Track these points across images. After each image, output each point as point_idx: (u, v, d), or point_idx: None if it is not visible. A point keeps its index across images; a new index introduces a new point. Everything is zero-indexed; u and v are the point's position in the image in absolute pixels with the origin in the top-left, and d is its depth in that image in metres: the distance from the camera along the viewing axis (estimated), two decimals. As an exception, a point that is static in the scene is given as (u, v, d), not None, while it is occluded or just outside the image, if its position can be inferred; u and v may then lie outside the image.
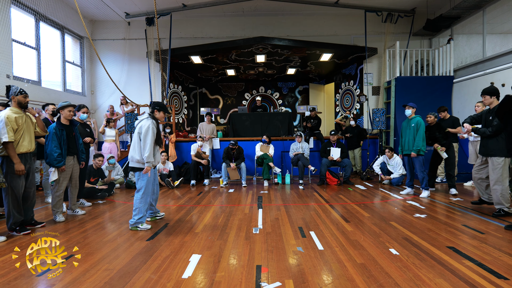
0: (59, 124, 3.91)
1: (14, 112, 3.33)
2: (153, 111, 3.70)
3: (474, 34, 7.57)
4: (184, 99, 10.81)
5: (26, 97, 3.46)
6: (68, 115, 3.95)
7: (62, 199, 3.98)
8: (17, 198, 3.33)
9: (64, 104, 3.94)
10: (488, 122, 3.90)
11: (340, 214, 4.09)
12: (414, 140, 5.13)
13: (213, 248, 2.88)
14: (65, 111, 3.92)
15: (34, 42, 7.19)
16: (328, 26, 9.31)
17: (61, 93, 8.01)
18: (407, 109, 5.29)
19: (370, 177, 7.11)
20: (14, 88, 3.40)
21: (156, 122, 3.67)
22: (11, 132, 3.23)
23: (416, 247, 2.83)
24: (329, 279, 2.24)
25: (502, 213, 3.81)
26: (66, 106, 3.93)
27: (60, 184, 3.91)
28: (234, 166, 6.47)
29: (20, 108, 3.43)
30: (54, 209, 3.92)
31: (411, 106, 5.28)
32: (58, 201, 3.93)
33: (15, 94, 3.38)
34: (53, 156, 3.77)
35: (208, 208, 4.56)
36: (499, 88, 6.36)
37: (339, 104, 10.64)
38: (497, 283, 2.13)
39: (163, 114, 3.73)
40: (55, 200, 3.91)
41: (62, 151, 3.85)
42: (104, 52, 9.15)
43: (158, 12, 8.35)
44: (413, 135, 5.15)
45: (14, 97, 3.37)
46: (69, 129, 4.00)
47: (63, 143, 3.87)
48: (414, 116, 5.25)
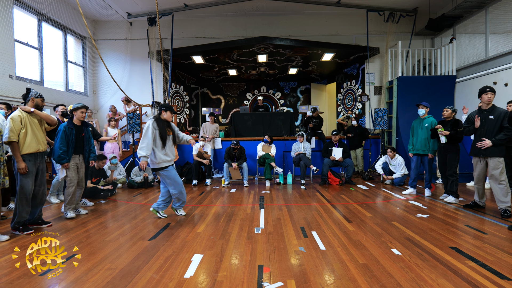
0: (70, 123, 4.04)
1: (21, 113, 3.39)
2: (160, 112, 3.88)
3: (477, 33, 7.54)
4: (186, 99, 10.82)
5: (43, 101, 3.70)
6: (81, 116, 4.11)
7: (74, 196, 4.07)
8: (27, 197, 3.38)
9: (77, 105, 4.09)
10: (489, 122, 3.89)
11: (342, 214, 4.08)
12: (427, 141, 5.09)
13: (215, 248, 2.89)
14: (78, 112, 4.08)
15: (37, 42, 7.22)
16: (330, 26, 9.29)
17: (64, 93, 8.04)
18: (421, 109, 5.21)
19: (372, 177, 7.10)
20: (34, 91, 3.60)
21: (162, 123, 3.83)
22: (12, 132, 3.28)
23: (418, 247, 2.82)
24: (331, 279, 2.24)
25: (509, 213, 3.79)
26: (79, 108, 4.09)
27: (71, 180, 4.02)
28: (236, 166, 6.47)
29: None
30: (66, 206, 4.03)
31: (425, 106, 5.20)
32: (70, 198, 4.03)
33: (35, 96, 3.56)
34: (58, 153, 3.90)
35: (210, 208, 4.56)
36: (502, 87, 6.36)
37: (341, 104, 10.63)
38: (500, 283, 2.12)
39: (170, 113, 3.89)
40: (67, 197, 4.03)
41: (68, 150, 3.96)
42: (106, 52, 9.18)
43: (160, 12, 8.36)
44: (426, 135, 5.11)
45: (34, 98, 3.54)
46: (79, 129, 4.12)
47: (71, 142, 3.99)
48: (428, 116, 5.18)
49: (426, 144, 5.12)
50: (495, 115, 3.88)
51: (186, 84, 10.87)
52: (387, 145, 8.14)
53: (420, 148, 5.18)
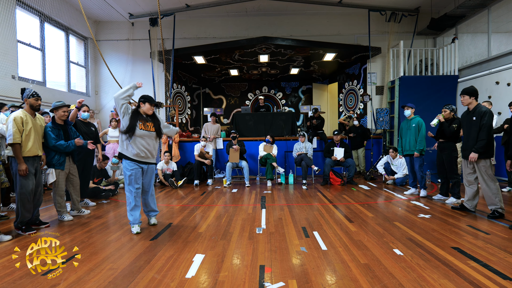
0: (54, 124, 3.86)
1: (23, 115, 3.37)
2: (138, 104, 3.48)
3: (479, 33, 7.51)
4: (187, 99, 10.84)
5: (38, 100, 3.47)
6: (62, 115, 3.89)
7: (64, 199, 4.00)
8: (27, 197, 3.37)
9: (57, 104, 3.88)
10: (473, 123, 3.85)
11: (344, 214, 4.07)
12: (415, 141, 5.07)
13: (217, 248, 2.89)
14: (59, 111, 3.87)
15: (39, 43, 7.25)
16: (331, 26, 9.28)
17: (66, 94, 8.06)
18: (406, 110, 5.23)
19: (373, 177, 7.08)
20: (28, 90, 3.46)
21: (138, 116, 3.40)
22: (17, 134, 3.26)
23: (420, 248, 2.81)
24: (333, 280, 2.23)
25: (497, 214, 3.75)
26: (60, 107, 3.87)
27: (60, 184, 3.90)
28: (238, 148, 6.57)
29: (32, 111, 3.48)
30: (59, 210, 3.94)
31: (410, 107, 5.21)
32: (61, 202, 3.94)
33: (28, 96, 3.43)
34: (62, 147, 3.75)
35: (212, 208, 4.56)
36: (504, 87, 6.33)
37: (342, 104, 10.61)
38: (503, 284, 2.11)
39: (148, 105, 3.45)
40: (58, 201, 3.92)
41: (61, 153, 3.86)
42: (108, 52, 9.20)
43: (162, 13, 8.38)
44: (414, 135, 5.09)
45: (27, 99, 3.43)
46: (64, 128, 3.95)
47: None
48: (414, 117, 5.19)
49: (415, 144, 5.10)
50: (476, 116, 3.83)
51: (187, 85, 10.89)
52: (388, 145, 8.12)
53: (409, 148, 5.17)
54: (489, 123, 3.75)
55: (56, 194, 3.91)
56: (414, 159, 5.15)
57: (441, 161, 4.82)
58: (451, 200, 4.67)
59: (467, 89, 3.92)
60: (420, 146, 5.02)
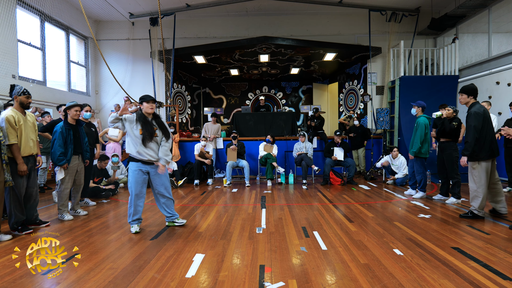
0: (66, 123, 3.93)
1: (14, 113, 3.29)
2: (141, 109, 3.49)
3: (480, 33, 7.51)
4: (187, 99, 10.84)
5: (29, 98, 3.43)
6: (75, 114, 3.96)
7: (68, 198, 4.02)
8: (19, 198, 3.33)
9: (71, 104, 3.96)
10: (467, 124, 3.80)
11: (344, 214, 4.07)
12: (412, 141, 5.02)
13: (217, 248, 2.89)
14: (71, 110, 3.95)
15: (40, 43, 7.25)
16: (332, 26, 9.28)
17: (66, 93, 8.07)
18: (412, 108, 5.16)
19: (374, 177, 7.08)
20: (18, 87, 3.38)
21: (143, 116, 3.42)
22: (12, 134, 3.22)
23: (420, 248, 2.81)
24: (333, 279, 2.23)
25: (470, 215, 3.74)
26: (72, 106, 3.95)
27: (66, 183, 3.93)
28: (235, 147, 6.60)
29: (22, 109, 3.41)
30: (60, 208, 3.95)
31: (415, 105, 5.11)
32: (64, 200, 3.97)
33: (18, 94, 3.35)
34: (56, 155, 3.80)
35: (212, 208, 4.56)
36: (505, 87, 6.33)
37: (342, 103, 10.61)
38: (503, 284, 2.11)
39: (146, 104, 3.44)
40: (61, 199, 3.94)
41: (69, 151, 3.89)
42: (108, 52, 9.21)
43: (162, 12, 8.38)
44: (413, 135, 5.02)
45: (17, 97, 3.35)
46: (76, 128, 4.03)
47: (70, 142, 3.90)
48: (419, 116, 5.09)
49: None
50: (467, 116, 3.79)
51: (188, 84, 10.89)
52: (389, 145, 8.12)
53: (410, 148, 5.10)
54: (473, 124, 3.63)
55: (61, 191, 3.94)
56: (411, 160, 5.13)
57: (441, 161, 4.80)
58: (451, 200, 4.66)
59: (466, 88, 3.85)
60: (414, 148, 4.90)
